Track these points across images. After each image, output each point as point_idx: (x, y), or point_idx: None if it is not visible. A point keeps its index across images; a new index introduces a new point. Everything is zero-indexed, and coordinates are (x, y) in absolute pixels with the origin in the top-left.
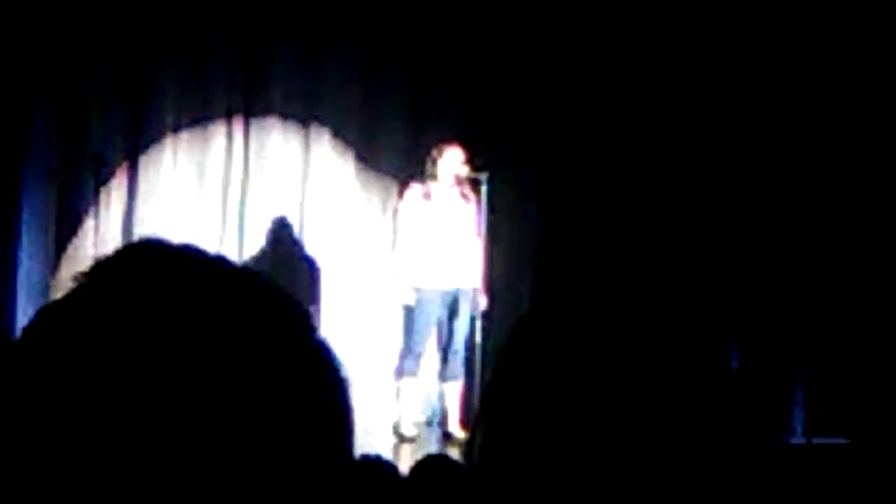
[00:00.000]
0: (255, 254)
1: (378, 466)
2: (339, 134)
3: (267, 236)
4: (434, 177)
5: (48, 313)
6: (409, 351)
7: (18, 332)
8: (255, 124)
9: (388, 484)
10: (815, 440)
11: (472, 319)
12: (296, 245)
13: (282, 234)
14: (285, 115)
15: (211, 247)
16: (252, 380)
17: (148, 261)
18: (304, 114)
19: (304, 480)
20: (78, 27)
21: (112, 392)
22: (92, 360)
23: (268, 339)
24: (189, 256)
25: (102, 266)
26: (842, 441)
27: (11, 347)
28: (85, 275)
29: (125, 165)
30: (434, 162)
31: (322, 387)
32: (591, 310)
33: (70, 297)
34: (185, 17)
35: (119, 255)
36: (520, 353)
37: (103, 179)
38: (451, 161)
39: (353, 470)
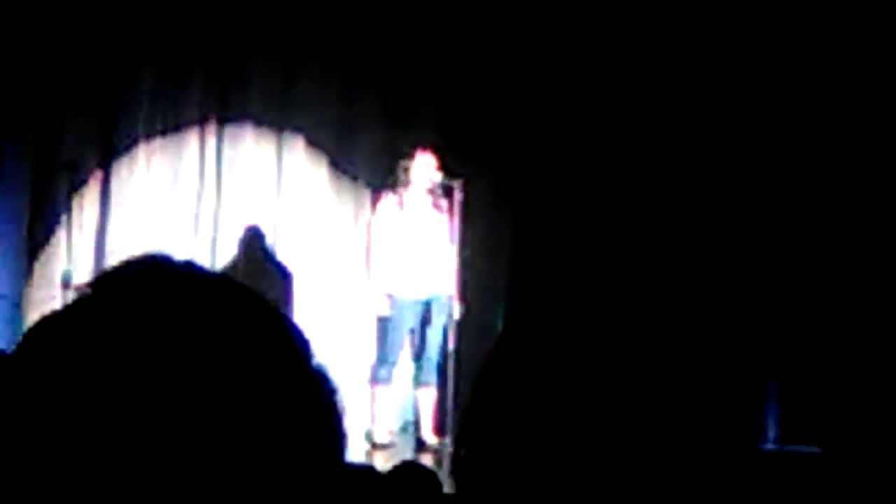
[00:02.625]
0: (228, 261)
1: (361, 473)
2: (312, 141)
3: (240, 243)
4: (407, 183)
5: (48, 324)
6: (383, 359)
7: None
8: (228, 131)
9: (370, 489)
10: (788, 448)
11: (446, 326)
12: (269, 252)
13: (255, 240)
14: (259, 122)
15: (184, 254)
16: (251, 403)
17: (151, 276)
18: (277, 120)
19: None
20: (52, 33)
21: (109, 405)
22: (91, 374)
23: (269, 364)
24: (193, 275)
25: (105, 279)
26: (814, 449)
27: (10, 357)
28: (88, 286)
29: (98, 172)
30: (406, 168)
31: (318, 413)
32: (567, 323)
33: (71, 309)
34: (159, 22)
35: (122, 268)
36: (499, 368)
37: (76, 186)
38: (424, 167)
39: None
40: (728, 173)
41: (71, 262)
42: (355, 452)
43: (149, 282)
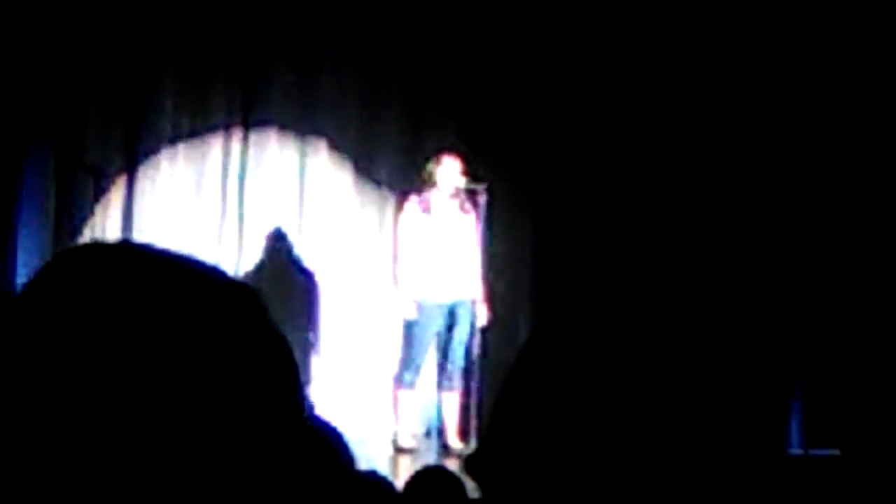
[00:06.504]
0: (253, 265)
1: (373, 483)
2: (336, 145)
3: (264, 248)
4: (432, 186)
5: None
6: (408, 363)
7: None
8: (252, 135)
9: (384, 499)
10: (812, 452)
11: (471, 331)
12: (293, 256)
13: (279, 245)
14: (283, 126)
15: (209, 258)
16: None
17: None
18: (301, 125)
19: None
20: (76, 38)
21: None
22: (48, 357)
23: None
24: (171, 263)
25: (61, 261)
26: (836, 452)
27: None
28: (43, 268)
29: (122, 176)
30: (432, 172)
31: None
32: (593, 327)
33: (25, 291)
34: (183, 28)
35: (79, 251)
36: (525, 373)
37: (101, 191)
38: (449, 171)
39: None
40: (752, 177)
41: None
42: (380, 457)
43: (105, 263)
